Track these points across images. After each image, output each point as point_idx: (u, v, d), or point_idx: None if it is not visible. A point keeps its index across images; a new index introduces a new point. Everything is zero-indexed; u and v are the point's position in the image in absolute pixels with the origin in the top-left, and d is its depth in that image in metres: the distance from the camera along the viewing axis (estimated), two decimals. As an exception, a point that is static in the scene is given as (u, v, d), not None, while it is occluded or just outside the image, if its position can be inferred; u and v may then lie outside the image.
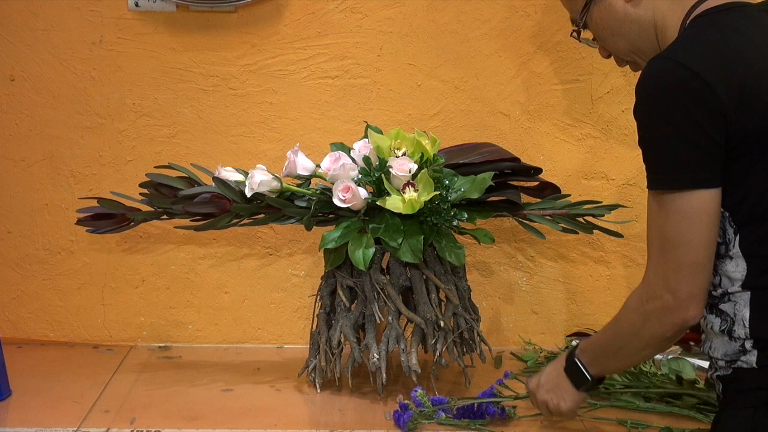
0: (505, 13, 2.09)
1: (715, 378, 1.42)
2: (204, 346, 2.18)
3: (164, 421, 1.75)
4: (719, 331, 1.39)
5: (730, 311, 1.37)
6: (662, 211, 1.34)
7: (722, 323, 1.38)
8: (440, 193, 1.82)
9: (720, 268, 1.37)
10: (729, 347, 1.38)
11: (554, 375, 1.58)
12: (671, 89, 1.29)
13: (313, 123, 2.12)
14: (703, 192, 1.31)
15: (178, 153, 2.11)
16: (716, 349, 1.40)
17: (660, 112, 1.30)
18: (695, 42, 1.34)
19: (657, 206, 1.35)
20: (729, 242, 1.35)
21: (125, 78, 2.10)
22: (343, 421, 1.77)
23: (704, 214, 1.32)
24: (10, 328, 2.16)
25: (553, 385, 1.58)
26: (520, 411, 1.78)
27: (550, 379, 1.58)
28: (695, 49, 1.32)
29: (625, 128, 2.13)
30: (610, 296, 2.19)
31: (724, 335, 1.38)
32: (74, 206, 1.95)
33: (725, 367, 1.39)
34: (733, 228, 1.35)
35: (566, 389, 1.55)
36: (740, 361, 1.37)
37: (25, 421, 1.74)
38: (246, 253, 2.17)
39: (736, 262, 1.35)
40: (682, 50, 1.33)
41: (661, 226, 1.34)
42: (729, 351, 1.38)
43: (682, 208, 1.32)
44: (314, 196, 1.89)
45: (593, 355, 1.52)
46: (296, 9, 2.08)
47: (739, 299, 1.36)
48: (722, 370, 1.40)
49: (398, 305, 1.84)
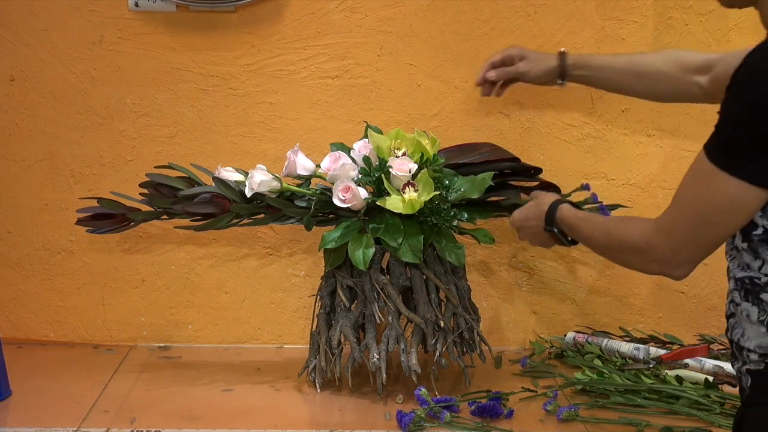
0: (505, 13, 2.09)
1: (744, 371, 1.37)
2: (204, 346, 2.18)
3: (164, 421, 1.75)
4: (757, 321, 1.34)
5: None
6: (709, 185, 1.29)
7: (761, 313, 1.33)
8: (440, 193, 1.82)
9: (765, 255, 1.32)
10: (764, 339, 1.33)
11: (534, 227, 1.67)
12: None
13: (313, 123, 2.12)
14: (758, 190, 1.27)
15: (178, 153, 2.11)
16: (749, 339, 1.35)
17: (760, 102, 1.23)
18: None
19: (707, 176, 1.30)
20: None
21: (125, 78, 2.10)
22: (343, 421, 1.77)
23: (747, 208, 1.29)
24: (10, 328, 2.16)
25: (532, 234, 1.70)
26: (521, 411, 1.79)
27: (530, 227, 1.69)
28: None
29: (625, 128, 2.13)
30: (610, 296, 2.19)
31: (761, 326, 1.33)
32: (74, 206, 1.95)
33: (758, 360, 1.34)
34: None
35: (544, 240, 1.68)
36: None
37: (25, 421, 1.74)
38: (246, 253, 2.17)
39: None
40: None
41: (700, 197, 1.31)
42: (764, 343, 1.33)
43: (731, 195, 1.28)
44: (314, 196, 1.89)
45: (568, 228, 1.59)
46: (296, 9, 2.09)
47: None
48: (754, 364, 1.35)
49: (398, 305, 1.84)
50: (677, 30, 2.10)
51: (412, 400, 1.81)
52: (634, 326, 2.17)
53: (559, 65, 1.82)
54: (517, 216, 1.72)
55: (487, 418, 1.76)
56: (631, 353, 1.99)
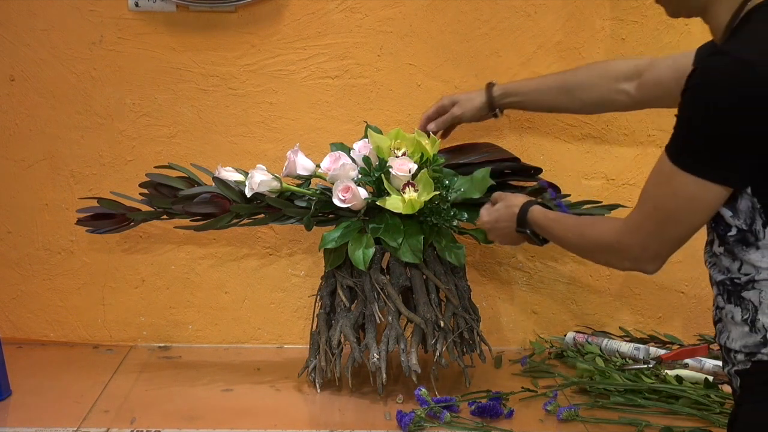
0: (505, 13, 2.09)
1: (733, 373, 1.39)
2: (204, 346, 2.18)
3: (164, 421, 1.75)
4: (741, 321, 1.36)
5: (755, 299, 1.34)
6: (671, 185, 1.33)
7: (744, 312, 1.36)
8: (440, 193, 1.82)
9: (743, 256, 1.35)
10: (749, 339, 1.35)
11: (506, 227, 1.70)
12: (729, 88, 1.25)
13: (313, 123, 2.12)
14: (716, 187, 1.30)
15: (178, 153, 2.11)
16: (735, 341, 1.37)
17: (713, 107, 1.26)
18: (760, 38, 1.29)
19: (668, 177, 1.33)
20: (758, 233, 1.32)
21: (125, 78, 2.10)
22: (343, 421, 1.77)
23: (708, 205, 1.32)
24: (10, 328, 2.16)
25: (502, 235, 1.73)
26: (521, 410, 1.79)
27: (501, 228, 1.71)
28: (760, 47, 1.27)
29: (625, 128, 2.13)
30: (610, 296, 2.19)
31: (745, 325, 1.35)
32: (74, 206, 1.95)
33: (744, 360, 1.36)
34: (763, 219, 1.32)
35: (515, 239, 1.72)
36: (761, 354, 1.34)
37: (25, 421, 1.74)
38: (246, 253, 2.17)
39: (762, 252, 1.33)
40: (747, 47, 1.28)
41: (664, 196, 1.35)
42: (749, 343, 1.35)
43: (691, 193, 1.31)
44: (314, 196, 1.89)
45: (540, 229, 1.63)
46: (296, 9, 2.09)
47: (765, 287, 1.34)
48: (741, 365, 1.37)
49: (398, 305, 1.84)
50: (677, 30, 2.09)
51: (412, 400, 1.81)
52: (634, 326, 2.17)
53: (487, 99, 1.91)
54: (486, 219, 1.75)
55: (487, 418, 1.76)
56: (631, 353, 1.99)
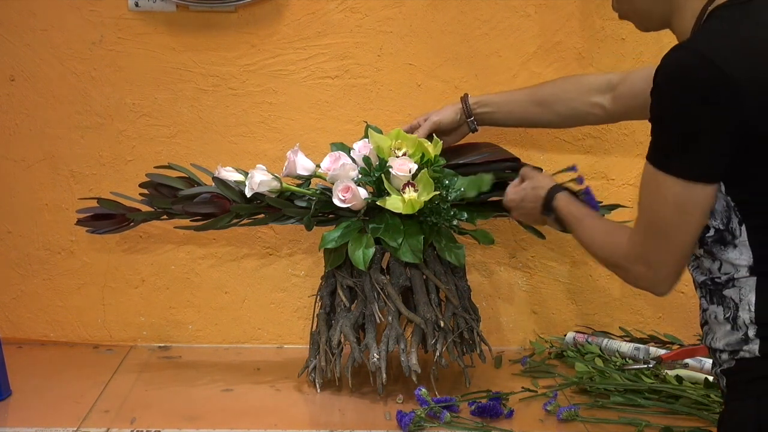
0: (505, 13, 2.09)
1: (719, 373, 1.41)
2: (204, 346, 2.18)
3: (164, 421, 1.75)
4: (723, 320, 1.37)
5: (735, 296, 1.36)
6: (660, 191, 1.33)
7: (726, 311, 1.37)
8: (440, 193, 1.82)
9: (721, 255, 1.36)
10: (731, 337, 1.37)
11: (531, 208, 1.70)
12: (690, 82, 1.27)
13: (313, 123, 2.12)
14: (700, 185, 1.31)
15: (178, 153, 2.11)
16: (718, 340, 1.39)
17: (677, 102, 1.28)
18: (720, 34, 1.31)
19: (655, 183, 1.34)
20: (734, 231, 1.34)
21: (125, 78, 2.10)
22: (343, 421, 1.77)
23: (699, 206, 1.32)
24: (10, 328, 2.16)
25: (526, 214, 1.75)
26: (521, 410, 1.79)
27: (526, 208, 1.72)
28: (720, 42, 1.29)
29: (625, 128, 2.13)
30: (610, 296, 2.19)
31: (727, 324, 1.37)
32: (74, 206, 1.95)
33: (728, 359, 1.38)
34: (739, 218, 1.33)
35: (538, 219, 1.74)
36: (743, 351, 1.35)
37: (25, 421, 1.74)
38: (246, 253, 2.17)
39: (740, 250, 1.34)
40: (707, 42, 1.30)
41: (655, 205, 1.35)
42: (732, 341, 1.37)
43: (678, 195, 1.31)
44: (314, 196, 1.89)
45: (563, 218, 1.62)
46: (296, 9, 2.09)
47: (744, 284, 1.35)
48: (726, 364, 1.39)
49: (398, 305, 1.84)
50: (677, 30, 2.09)
51: (412, 400, 1.81)
52: (634, 326, 2.17)
53: (463, 106, 1.92)
54: (512, 197, 1.75)
55: (487, 418, 1.76)
56: (631, 353, 2.00)
